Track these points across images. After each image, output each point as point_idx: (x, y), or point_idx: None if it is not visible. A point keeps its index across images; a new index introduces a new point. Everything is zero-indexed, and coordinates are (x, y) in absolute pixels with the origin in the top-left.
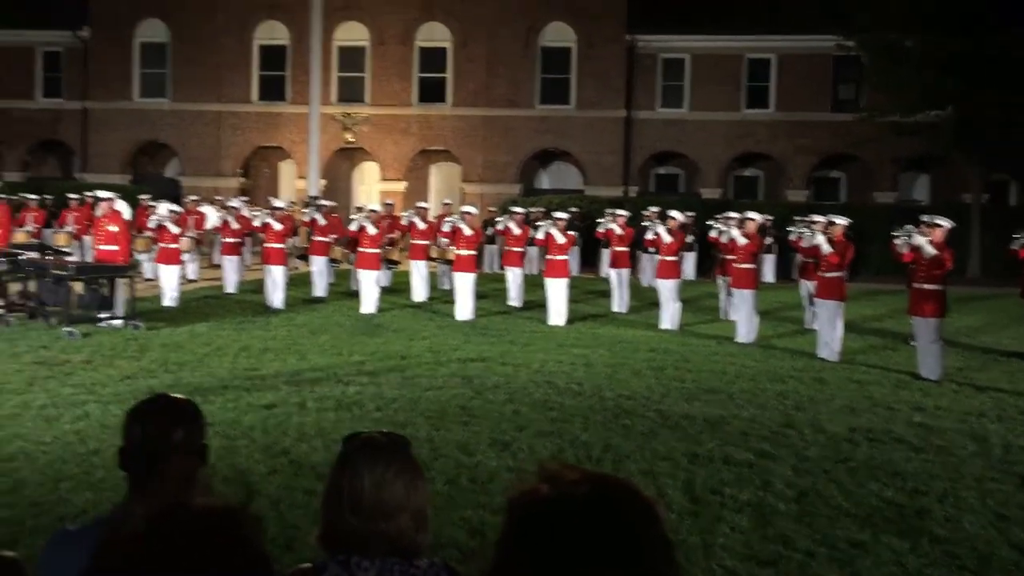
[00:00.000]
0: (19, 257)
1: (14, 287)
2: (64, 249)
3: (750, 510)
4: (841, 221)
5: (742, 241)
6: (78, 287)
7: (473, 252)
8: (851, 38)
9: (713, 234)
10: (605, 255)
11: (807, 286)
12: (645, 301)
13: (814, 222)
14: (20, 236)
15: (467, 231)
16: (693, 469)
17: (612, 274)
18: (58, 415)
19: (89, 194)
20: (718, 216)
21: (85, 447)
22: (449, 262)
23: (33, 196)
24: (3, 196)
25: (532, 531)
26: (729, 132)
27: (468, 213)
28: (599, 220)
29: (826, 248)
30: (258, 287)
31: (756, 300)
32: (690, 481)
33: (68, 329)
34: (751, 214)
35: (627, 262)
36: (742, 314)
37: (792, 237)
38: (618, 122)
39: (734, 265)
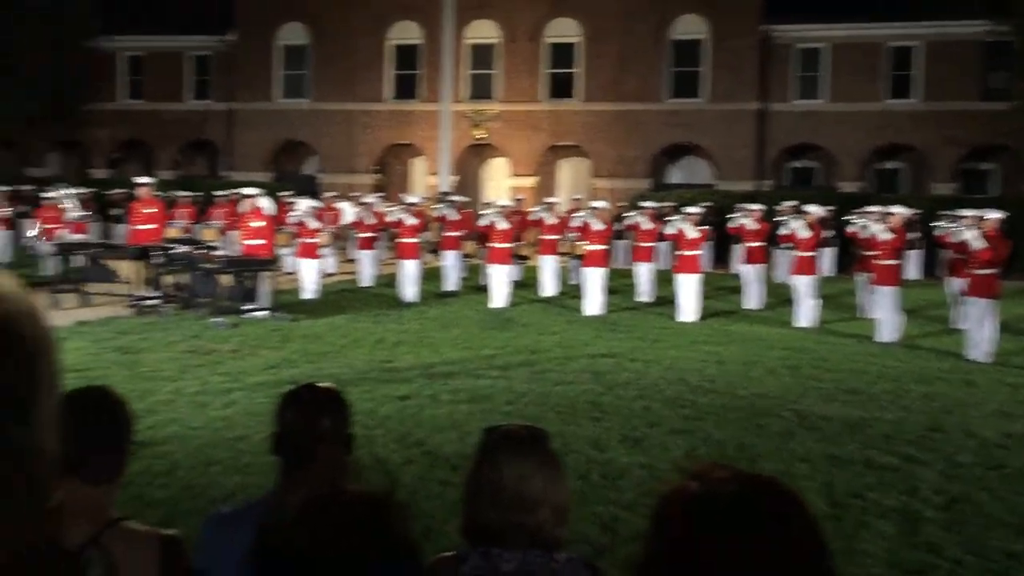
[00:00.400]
0: (173, 251)
1: (168, 279)
2: (212, 243)
3: (895, 516)
4: (994, 215)
5: (884, 236)
6: (226, 280)
7: (603, 247)
8: (1005, 23)
9: (853, 229)
10: (737, 251)
11: (954, 283)
12: (779, 298)
13: (963, 216)
14: (173, 231)
15: (597, 226)
16: (833, 472)
17: (745, 270)
18: (208, 402)
19: (235, 191)
20: (858, 210)
21: (233, 433)
22: (579, 257)
23: (184, 193)
24: (158, 193)
25: (681, 529)
26: (869, 123)
27: (598, 208)
28: (731, 215)
29: (977, 243)
30: (392, 281)
31: (898, 297)
32: (830, 484)
33: (216, 320)
34: (895, 208)
35: (761, 258)
36: (883, 312)
37: (939, 232)
38: (751, 115)
39: (875, 261)
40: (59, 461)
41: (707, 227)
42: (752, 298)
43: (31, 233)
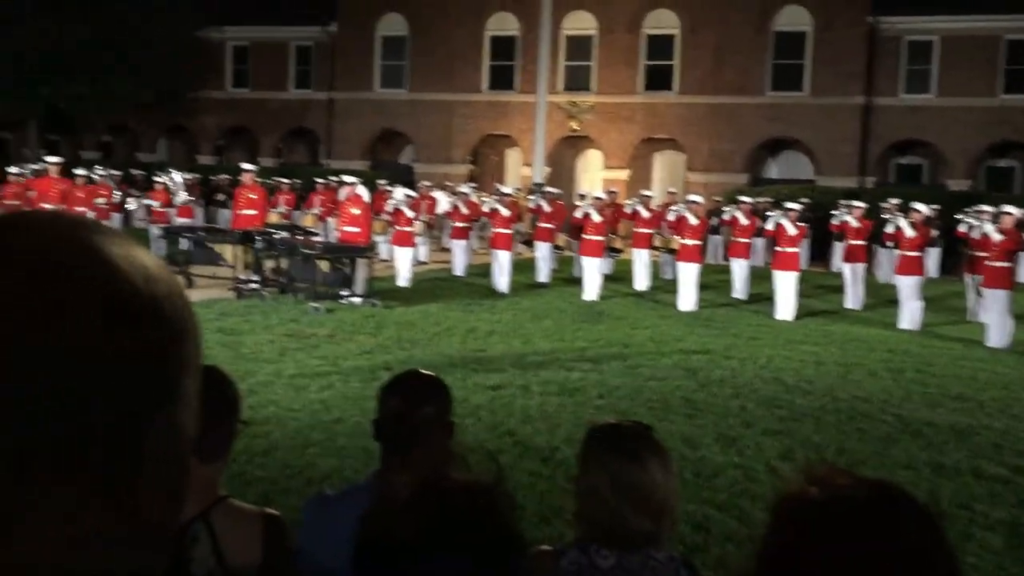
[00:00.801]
0: (273, 236)
1: (269, 264)
2: (311, 230)
3: (1004, 529)
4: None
5: (997, 237)
6: (324, 265)
7: (698, 242)
8: None
9: (963, 229)
10: (838, 248)
11: None
12: (881, 298)
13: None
14: (274, 217)
15: (692, 220)
16: (938, 481)
17: (846, 269)
18: (306, 384)
19: (334, 179)
20: (969, 210)
21: (330, 415)
22: (673, 251)
23: (285, 180)
24: (260, 180)
25: (803, 536)
26: (982, 119)
27: (694, 202)
28: (833, 212)
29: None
30: (485, 271)
31: (1010, 301)
32: (934, 493)
33: (314, 304)
34: (1009, 208)
35: (863, 256)
36: (993, 316)
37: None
38: (855, 109)
39: (986, 263)
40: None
41: (806, 224)
42: (852, 298)
43: (132, 206)
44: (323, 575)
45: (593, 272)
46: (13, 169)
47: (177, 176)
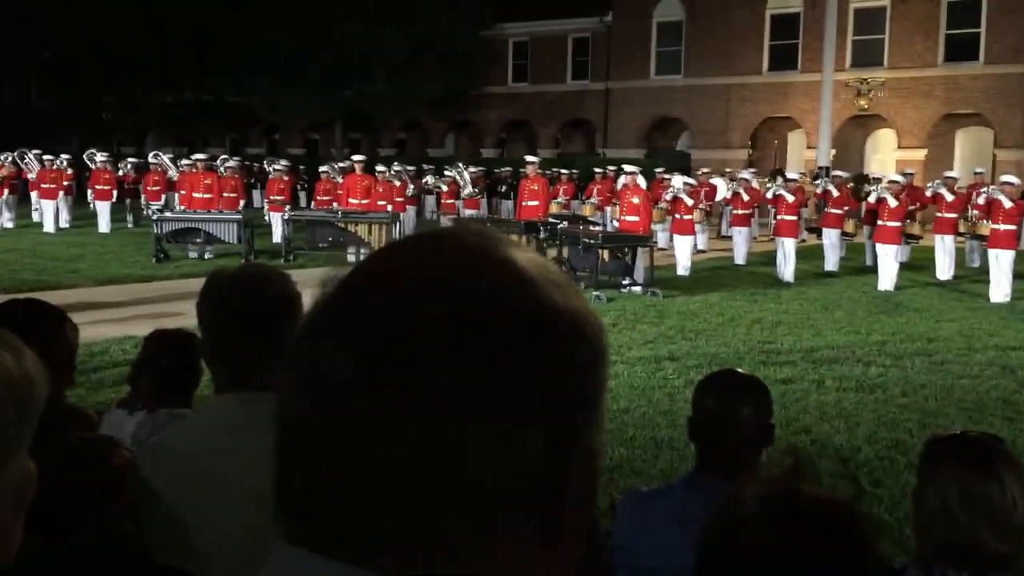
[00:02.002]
0: (556, 226)
1: (551, 253)
2: (591, 219)
3: None
4: None
5: None
6: (604, 255)
7: (1014, 227)
8: None
9: None
10: None
11: None
12: None
13: None
14: (554, 208)
15: (1007, 203)
16: None
17: None
18: None
19: (612, 168)
20: None
21: (617, 405)
22: (981, 238)
23: (564, 171)
24: (541, 171)
25: None
26: None
27: (1008, 184)
28: None
29: None
30: (767, 259)
31: None
32: None
33: (596, 293)
34: None
35: None
36: None
37: None
38: None
39: None
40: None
41: None
42: None
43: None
44: (641, 574)
45: (889, 260)
46: (323, 167)
47: (464, 170)
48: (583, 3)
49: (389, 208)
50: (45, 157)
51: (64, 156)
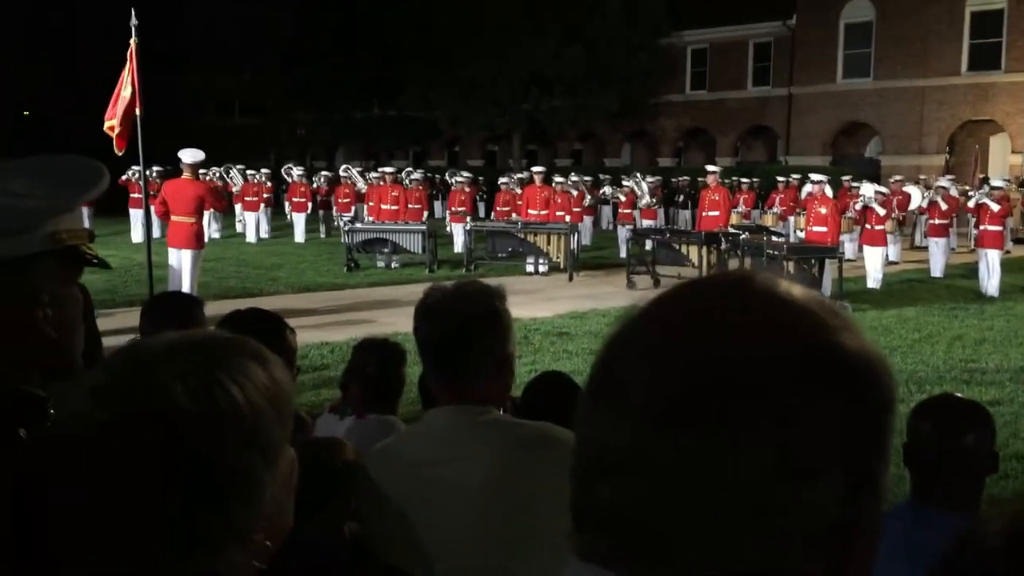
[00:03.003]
0: (739, 237)
1: (732, 264)
2: (775, 230)
3: None
4: None
5: None
6: (789, 266)
7: None
8: None
9: None
10: None
11: None
12: None
13: None
14: (734, 217)
15: None
16: None
17: None
18: None
19: (795, 176)
20: None
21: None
22: None
23: (744, 179)
24: (721, 180)
25: None
26: None
27: None
28: None
29: None
30: (966, 272)
31: None
32: None
33: None
34: None
35: None
36: None
37: None
38: None
39: None
40: None
41: None
42: None
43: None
44: None
45: None
46: (502, 179)
47: (641, 180)
48: (764, 7)
49: (567, 218)
50: (248, 172)
51: (264, 170)
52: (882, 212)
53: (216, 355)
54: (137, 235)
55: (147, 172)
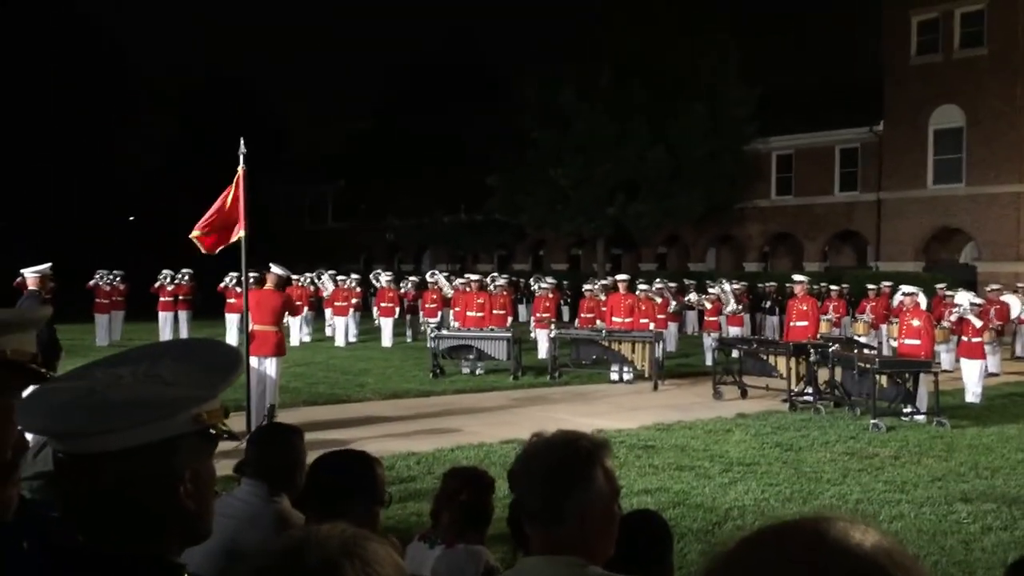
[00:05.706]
0: (828, 349)
1: (823, 375)
2: (866, 342)
3: None
4: None
5: None
6: (882, 380)
7: None
8: None
9: None
10: None
11: None
12: None
13: None
14: (823, 325)
15: None
16: None
17: None
18: (873, 511)
19: (887, 284)
20: None
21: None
22: None
23: (834, 287)
24: (811, 288)
25: None
26: None
27: None
28: None
29: None
30: None
31: None
32: None
33: (874, 421)
34: None
35: None
36: None
37: None
38: None
39: None
40: None
41: None
42: None
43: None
44: None
45: None
46: (587, 286)
47: (727, 286)
48: (851, 114)
49: (651, 326)
50: (339, 277)
51: (353, 276)
52: (979, 324)
53: (361, 540)
54: (231, 337)
55: (230, 281)
